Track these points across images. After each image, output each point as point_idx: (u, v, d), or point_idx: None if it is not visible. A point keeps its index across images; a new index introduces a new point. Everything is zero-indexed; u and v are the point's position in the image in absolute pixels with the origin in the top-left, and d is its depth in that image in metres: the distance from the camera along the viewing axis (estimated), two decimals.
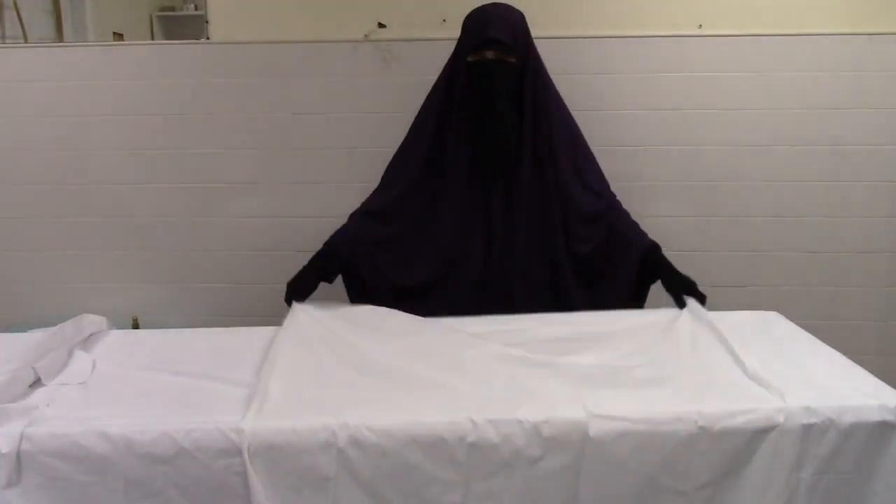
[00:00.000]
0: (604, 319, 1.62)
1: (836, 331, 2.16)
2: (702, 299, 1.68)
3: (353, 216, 1.86)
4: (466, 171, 1.79)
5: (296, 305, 1.65)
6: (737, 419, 1.20)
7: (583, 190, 1.83)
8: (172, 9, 2.89)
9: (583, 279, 1.81)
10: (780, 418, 1.19)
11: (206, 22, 2.37)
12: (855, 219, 2.36)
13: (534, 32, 1.82)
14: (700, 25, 2.28)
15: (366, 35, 2.28)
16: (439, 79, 1.86)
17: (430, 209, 1.81)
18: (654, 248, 1.80)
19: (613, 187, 1.91)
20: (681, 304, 1.67)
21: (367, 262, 1.80)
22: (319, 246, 1.82)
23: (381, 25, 2.27)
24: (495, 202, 1.79)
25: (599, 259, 1.82)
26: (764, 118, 2.31)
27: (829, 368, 1.39)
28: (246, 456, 1.15)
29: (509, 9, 1.80)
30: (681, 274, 1.74)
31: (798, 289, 2.40)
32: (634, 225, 1.85)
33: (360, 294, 1.83)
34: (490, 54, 1.73)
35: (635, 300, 1.81)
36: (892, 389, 1.28)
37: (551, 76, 1.87)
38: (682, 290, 1.70)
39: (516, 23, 1.77)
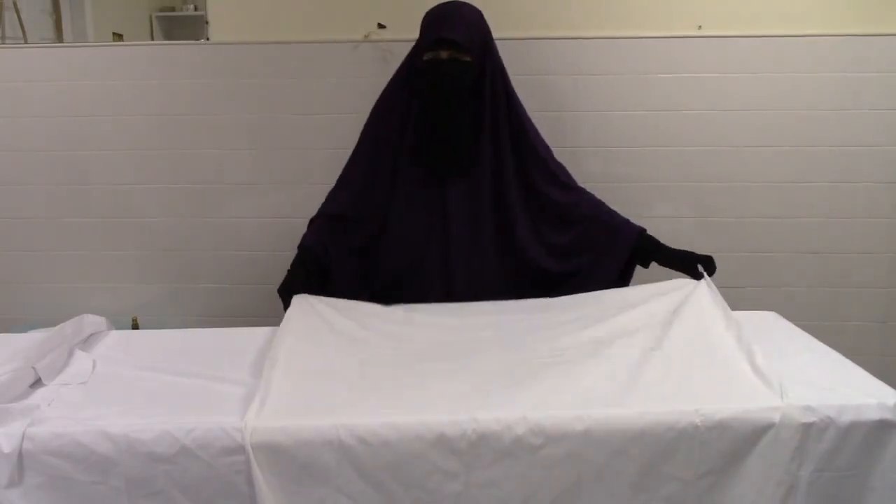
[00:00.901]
0: (609, 304, 1.62)
1: (836, 331, 2.18)
2: (710, 264, 1.70)
3: (317, 221, 1.84)
4: (423, 169, 1.77)
5: (296, 298, 1.63)
6: (737, 416, 1.20)
7: (551, 184, 1.82)
8: (172, 9, 2.90)
9: (561, 271, 1.81)
10: (780, 417, 1.20)
11: (206, 22, 2.37)
12: (854, 219, 2.37)
13: (532, 33, 1.82)
14: (700, 26, 2.28)
15: (366, 35, 2.29)
16: (395, 76, 1.84)
17: (395, 210, 1.80)
18: (643, 233, 1.80)
19: (613, 188, 1.92)
20: (696, 275, 1.68)
21: (342, 269, 1.79)
22: None
23: (381, 26, 2.27)
24: (453, 201, 1.78)
25: (581, 249, 1.81)
26: (764, 119, 2.31)
27: (827, 368, 1.39)
28: (249, 450, 1.15)
29: (467, 7, 1.79)
30: (677, 250, 1.76)
31: (797, 290, 2.41)
32: (614, 213, 1.84)
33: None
34: (444, 53, 1.72)
35: (619, 284, 1.80)
36: (891, 388, 1.28)
37: (552, 77, 1.87)
38: (690, 261, 1.71)
39: (472, 22, 1.76)
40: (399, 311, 1.65)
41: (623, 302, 1.61)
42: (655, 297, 1.60)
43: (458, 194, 1.78)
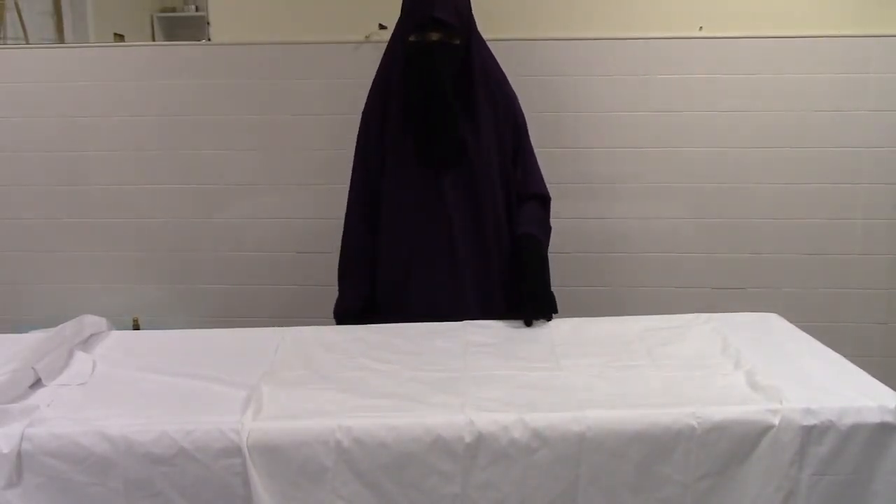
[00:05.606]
0: (611, 324, 1.62)
1: (837, 333, 2.17)
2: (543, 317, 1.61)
3: (354, 230, 1.81)
4: (414, 161, 1.70)
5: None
6: (736, 418, 1.20)
7: (532, 171, 1.79)
8: (173, 10, 2.90)
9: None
10: (779, 419, 1.19)
11: (208, 23, 2.37)
12: (855, 221, 2.36)
13: (533, 34, 1.81)
14: (701, 27, 2.28)
15: (367, 36, 2.29)
16: (380, 67, 1.78)
17: (397, 205, 1.75)
18: (528, 238, 1.71)
19: (614, 188, 1.91)
20: (527, 319, 1.59)
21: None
22: (319, 246, 1.81)
23: (381, 27, 2.27)
24: (448, 190, 1.71)
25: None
26: (765, 120, 2.31)
27: (828, 370, 1.38)
28: (245, 452, 1.15)
29: None
30: (543, 285, 1.66)
31: (798, 291, 2.40)
32: (537, 213, 1.78)
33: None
34: (434, 36, 1.64)
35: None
36: (892, 391, 1.28)
37: (553, 78, 1.85)
38: (537, 304, 1.62)
39: (460, 2, 1.69)
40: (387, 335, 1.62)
41: (628, 322, 1.61)
42: (655, 327, 1.59)
43: (452, 179, 1.71)
